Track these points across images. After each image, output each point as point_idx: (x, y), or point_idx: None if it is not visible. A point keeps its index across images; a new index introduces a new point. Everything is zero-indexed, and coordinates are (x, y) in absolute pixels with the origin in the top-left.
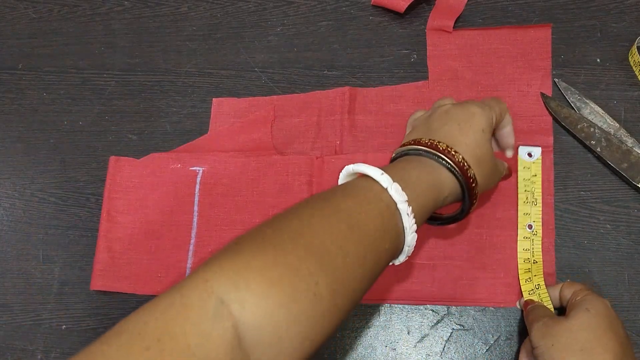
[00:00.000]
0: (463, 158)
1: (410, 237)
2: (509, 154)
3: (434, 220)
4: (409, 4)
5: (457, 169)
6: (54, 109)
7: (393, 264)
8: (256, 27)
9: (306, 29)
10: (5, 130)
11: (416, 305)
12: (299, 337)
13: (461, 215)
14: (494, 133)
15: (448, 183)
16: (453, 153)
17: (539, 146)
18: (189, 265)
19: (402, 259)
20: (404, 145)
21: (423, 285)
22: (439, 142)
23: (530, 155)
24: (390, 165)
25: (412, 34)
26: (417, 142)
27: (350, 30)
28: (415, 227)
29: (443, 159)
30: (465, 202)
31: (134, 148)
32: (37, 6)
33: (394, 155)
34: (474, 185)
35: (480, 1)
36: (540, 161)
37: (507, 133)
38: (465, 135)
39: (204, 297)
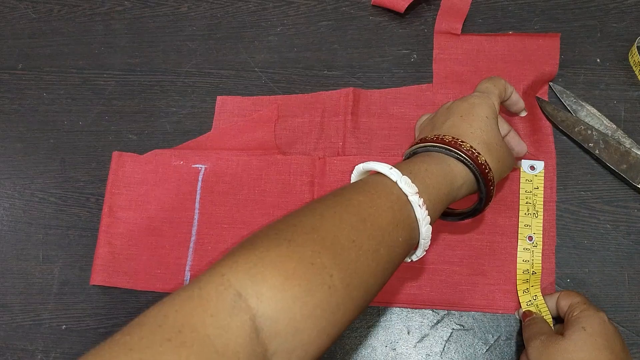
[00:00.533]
0: (471, 146)
1: (425, 229)
2: (524, 114)
3: (454, 215)
4: (408, 3)
5: (466, 157)
6: (54, 109)
7: (411, 260)
8: (256, 27)
9: (306, 29)
10: (5, 130)
11: (415, 308)
12: (315, 329)
13: (481, 205)
14: (501, 108)
15: (460, 173)
16: (460, 143)
17: (541, 160)
18: (188, 262)
19: (419, 253)
20: (411, 146)
21: (422, 289)
22: (444, 135)
23: (532, 168)
24: (399, 162)
25: (412, 34)
26: (423, 140)
27: (350, 30)
28: (428, 218)
29: (451, 150)
30: (482, 190)
31: (134, 148)
32: (37, 6)
33: (403, 158)
34: (487, 171)
35: (480, 1)
36: (543, 174)
37: (514, 101)
38: (470, 125)
39: (220, 289)
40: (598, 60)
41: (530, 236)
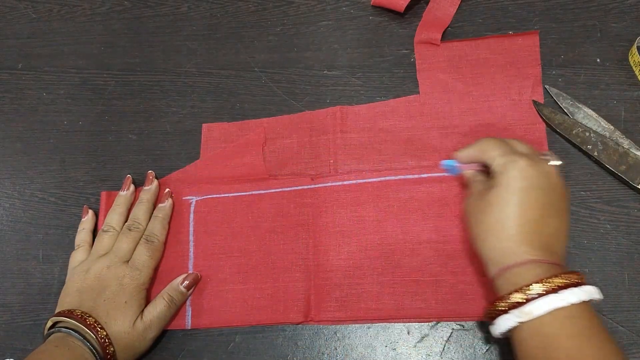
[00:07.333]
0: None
1: None
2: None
3: None
4: (407, 3)
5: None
6: (54, 109)
7: None
8: (256, 27)
9: (306, 29)
10: (5, 130)
11: (426, 322)
12: None
13: None
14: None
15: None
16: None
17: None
18: (188, 298)
19: None
20: (60, 314)
21: (428, 303)
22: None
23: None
24: None
25: (412, 34)
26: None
27: (350, 30)
28: None
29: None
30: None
31: (134, 148)
32: (37, 6)
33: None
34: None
35: (480, 1)
36: None
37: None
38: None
39: None
40: (598, 60)
41: None
